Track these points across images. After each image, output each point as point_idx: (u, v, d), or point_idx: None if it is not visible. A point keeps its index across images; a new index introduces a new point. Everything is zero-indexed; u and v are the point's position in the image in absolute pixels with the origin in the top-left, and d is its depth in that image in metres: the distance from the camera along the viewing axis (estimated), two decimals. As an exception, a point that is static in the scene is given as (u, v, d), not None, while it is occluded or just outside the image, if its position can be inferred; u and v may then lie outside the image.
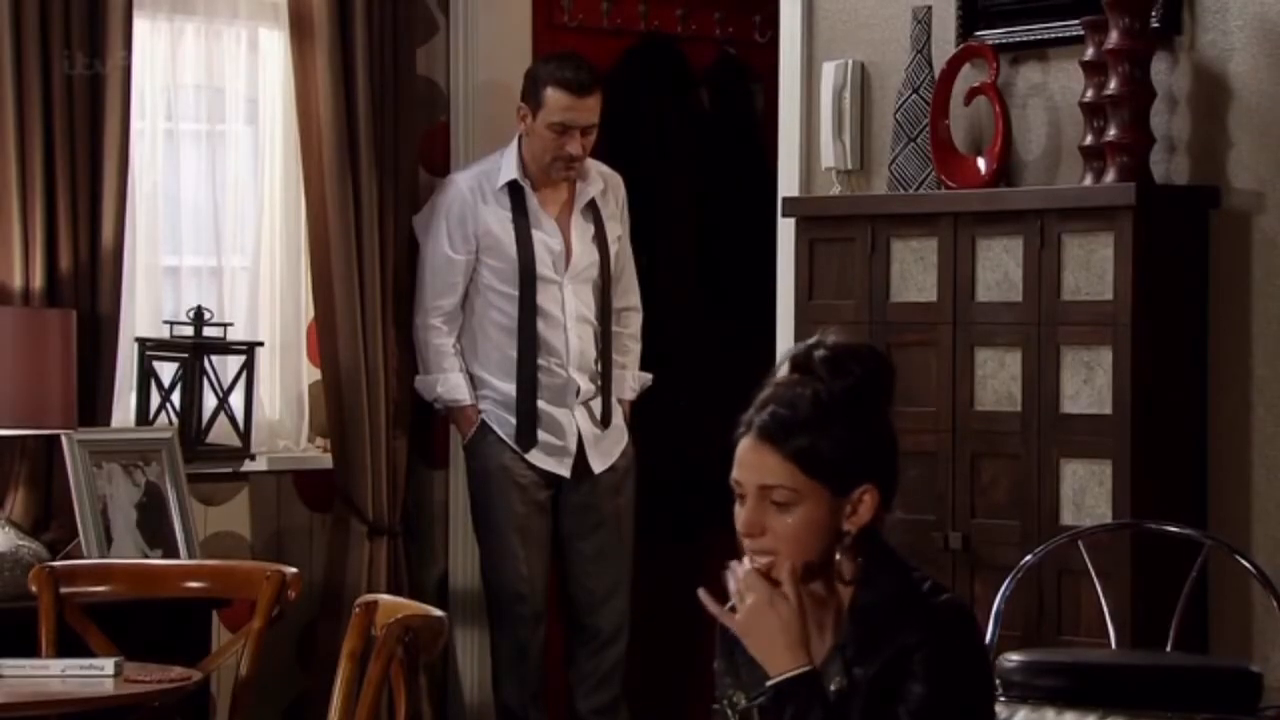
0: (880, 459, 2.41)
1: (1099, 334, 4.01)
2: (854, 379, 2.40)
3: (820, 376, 2.41)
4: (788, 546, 2.39)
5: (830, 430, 2.38)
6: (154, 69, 4.87)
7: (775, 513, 2.39)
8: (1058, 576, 4.03)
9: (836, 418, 2.39)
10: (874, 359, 2.46)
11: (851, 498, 2.38)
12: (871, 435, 2.41)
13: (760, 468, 2.38)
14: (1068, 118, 4.29)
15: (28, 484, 4.54)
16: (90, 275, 4.60)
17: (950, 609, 2.38)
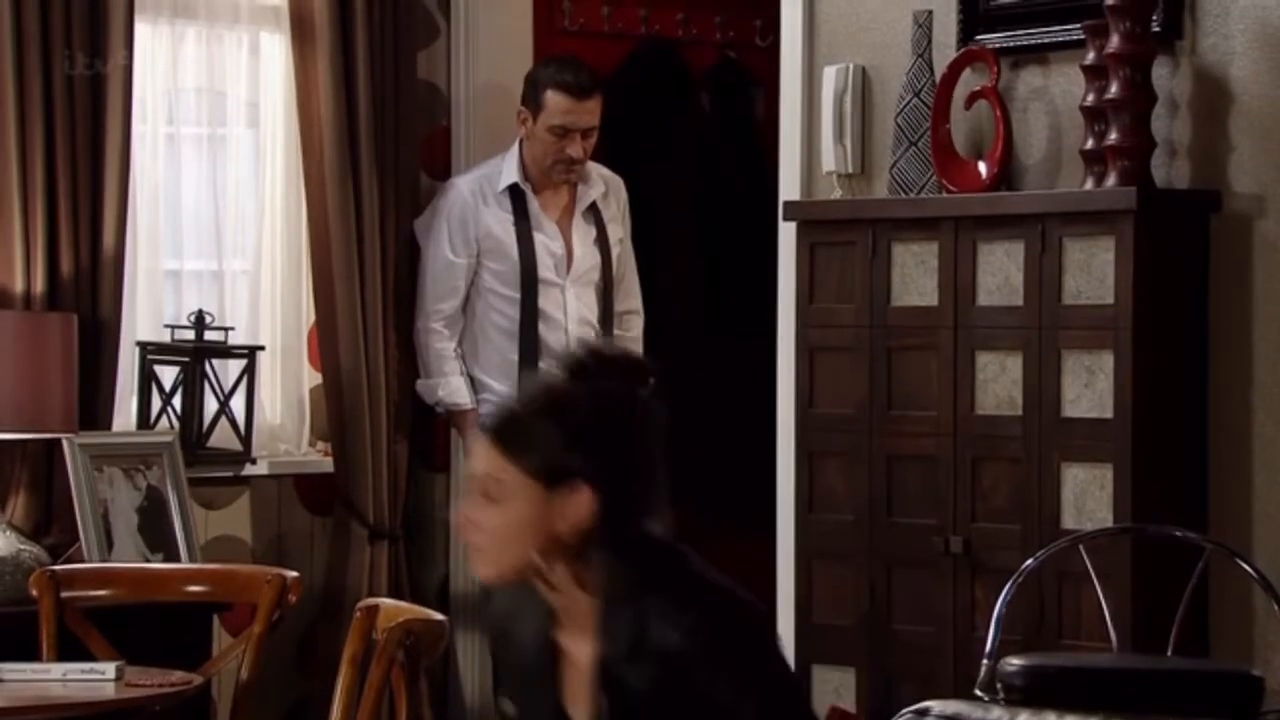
0: (606, 463, 2.30)
1: (1100, 338, 4.01)
2: (593, 380, 2.31)
3: (570, 376, 2.34)
4: (491, 541, 2.31)
5: (549, 422, 2.30)
6: (155, 72, 4.87)
7: (485, 506, 2.31)
8: (1058, 580, 4.03)
9: (560, 412, 2.30)
10: (629, 366, 2.35)
11: (564, 499, 2.29)
12: (600, 437, 2.30)
13: (475, 457, 2.33)
14: (1068, 122, 4.29)
15: (29, 488, 4.54)
16: (91, 279, 4.60)
17: (684, 656, 2.27)
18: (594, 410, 2.31)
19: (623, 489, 2.32)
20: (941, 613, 4.22)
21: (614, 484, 2.31)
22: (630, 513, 2.33)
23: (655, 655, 2.28)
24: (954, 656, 4.20)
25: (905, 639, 4.29)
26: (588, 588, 2.33)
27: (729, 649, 2.29)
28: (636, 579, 2.33)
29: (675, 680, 2.28)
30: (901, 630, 4.29)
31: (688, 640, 2.28)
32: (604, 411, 2.31)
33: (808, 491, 4.46)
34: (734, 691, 2.28)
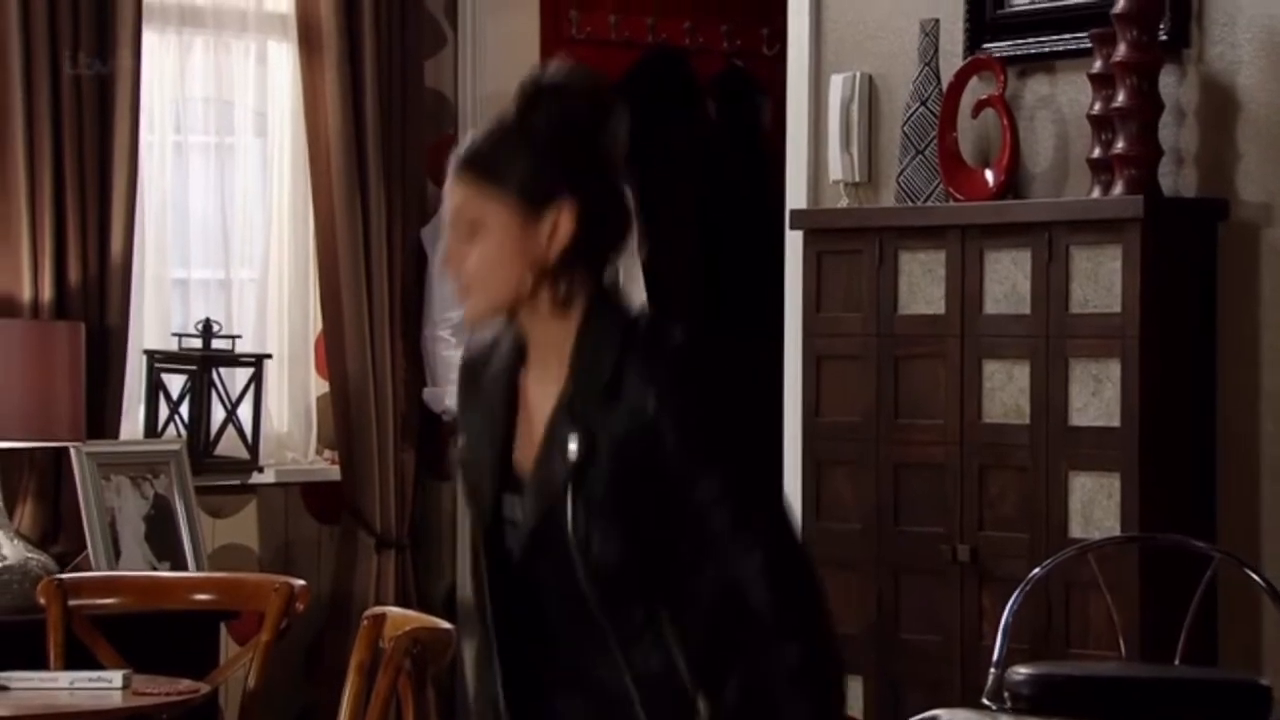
0: (581, 176, 2.24)
1: (1107, 346, 4.01)
2: (551, 98, 2.25)
3: (524, 102, 2.27)
4: (478, 278, 2.25)
5: (520, 144, 2.24)
6: (163, 81, 4.88)
7: (469, 245, 2.25)
8: (1066, 589, 4.03)
9: (528, 132, 2.24)
10: (587, 81, 2.27)
11: (546, 218, 2.23)
12: (572, 150, 2.24)
13: (451, 197, 2.27)
14: (1075, 130, 4.28)
15: (36, 496, 4.54)
16: (99, 288, 4.60)
17: (683, 355, 2.20)
18: (561, 125, 2.25)
19: (601, 201, 2.26)
20: (949, 621, 4.22)
21: (592, 196, 2.25)
22: (611, 227, 2.28)
23: (628, 404, 2.19)
24: (962, 665, 4.19)
25: (913, 647, 4.28)
26: (570, 316, 2.26)
27: (710, 415, 2.19)
28: (623, 316, 2.26)
29: (641, 435, 2.18)
30: (909, 639, 4.29)
31: (667, 395, 2.19)
32: (571, 125, 2.25)
33: (815, 500, 4.45)
34: (701, 462, 2.18)
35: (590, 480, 2.21)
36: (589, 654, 2.23)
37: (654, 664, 2.22)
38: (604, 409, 2.22)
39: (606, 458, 2.21)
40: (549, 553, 2.24)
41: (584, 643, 2.24)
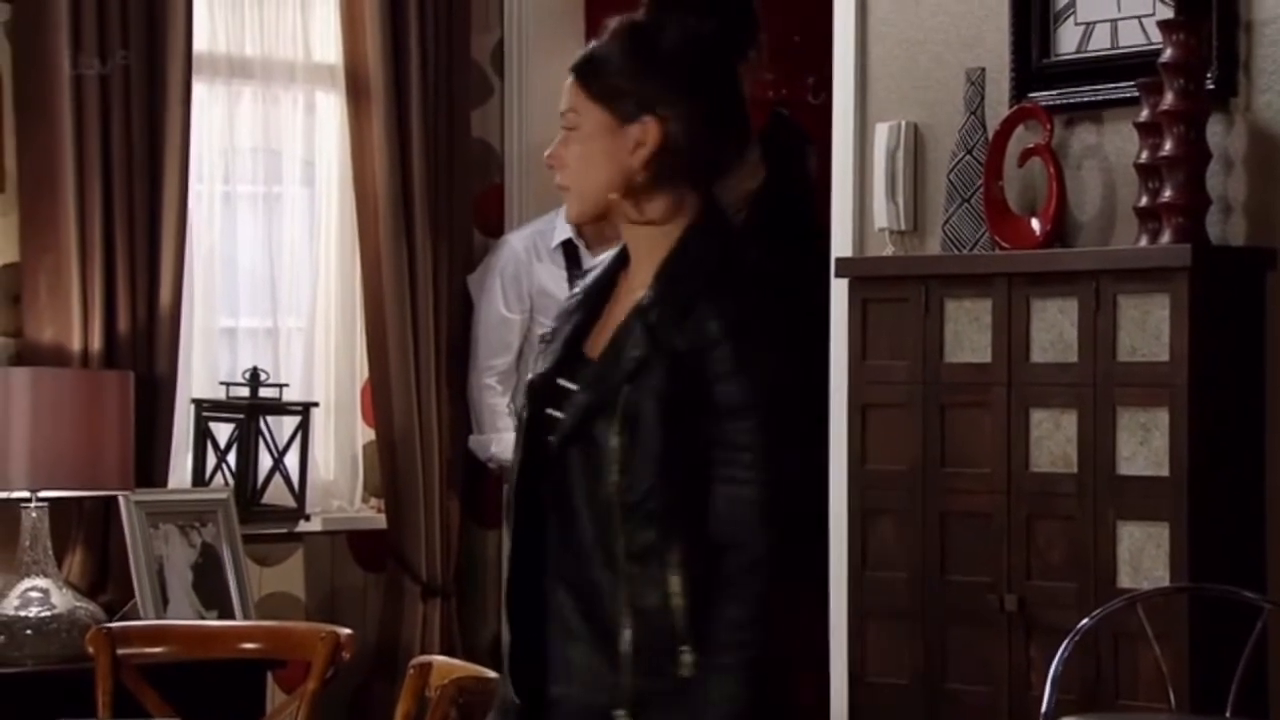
0: (673, 94, 2.28)
1: (1155, 395, 3.99)
2: (683, 15, 2.29)
3: (641, 14, 2.34)
4: (572, 176, 2.33)
5: (623, 52, 2.31)
6: (212, 132, 4.92)
7: (568, 142, 2.34)
8: (1115, 639, 4.00)
9: (635, 41, 2.31)
10: (726, 6, 2.33)
11: (632, 129, 2.30)
12: (670, 68, 2.29)
13: (563, 95, 2.36)
14: (1122, 179, 4.28)
15: (85, 545, 4.56)
16: (148, 337, 4.63)
17: (759, 294, 2.28)
18: (672, 41, 2.30)
19: (695, 120, 2.30)
20: (997, 672, 4.20)
21: (685, 114, 2.29)
22: (708, 146, 2.31)
23: (695, 325, 2.25)
24: (1009, 716, 4.17)
25: (960, 698, 4.26)
26: (668, 227, 2.32)
27: (757, 362, 2.25)
28: (721, 239, 2.32)
29: (697, 359, 2.25)
30: (956, 689, 4.27)
31: (725, 336, 2.25)
32: (681, 43, 2.30)
33: (861, 549, 4.44)
34: (738, 405, 2.23)
35: (643, 389, 2.27)
36: (596, 563, 2.28)
37: (651, 600, 2.25)
38: (674, 323, 2.28)
39: (662, 370, 2.26)
40: (586, 449, 2.30)
41: (594, 551, 2.28)
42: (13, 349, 4.58)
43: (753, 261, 2.33)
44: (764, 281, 2.31)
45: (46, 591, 4.30)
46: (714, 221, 2.35)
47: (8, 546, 4.44)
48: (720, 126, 2.34)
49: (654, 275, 2.33)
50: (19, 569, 4.33)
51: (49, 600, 4.29)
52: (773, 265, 2.30)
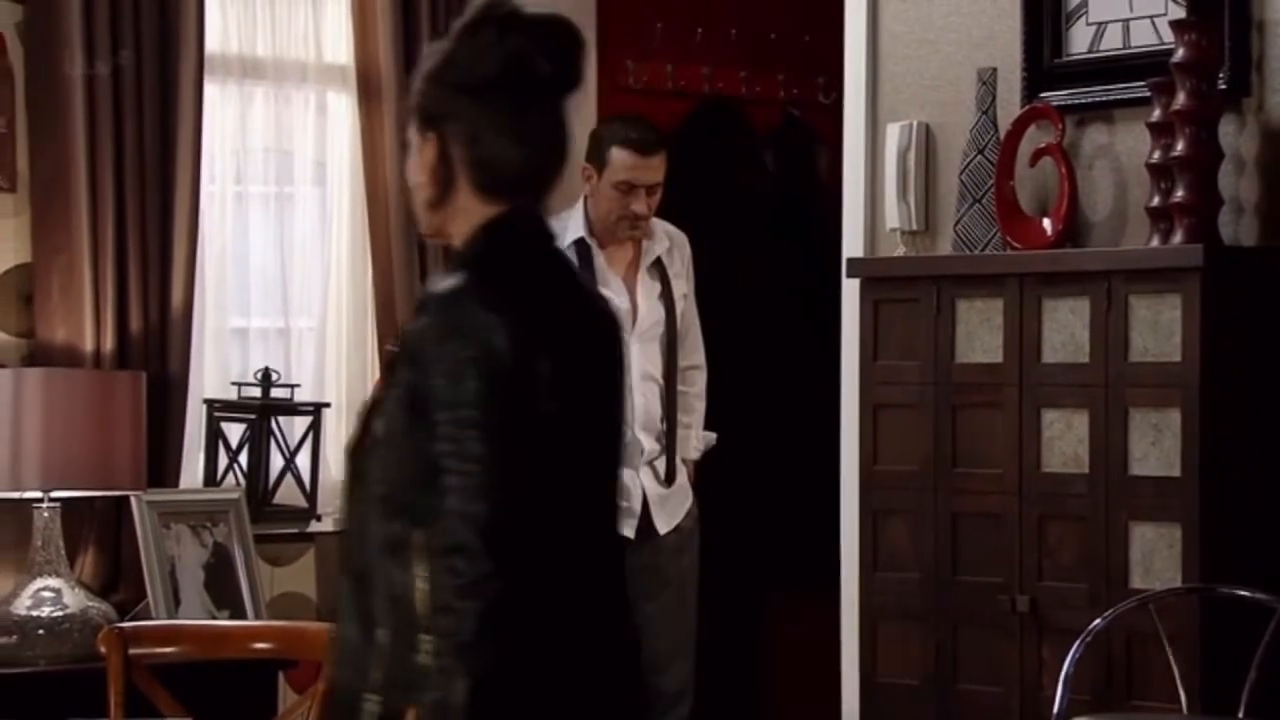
0: (456, 109, 2.27)
1: (1167, 396, 3.99)
2: (494, 33, 2.29)
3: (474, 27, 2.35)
4: (413, 194, 2.37)
5: (425, 68, 2.34)
6: (224, 132, 4.92)
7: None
8: (1127, 640, 4.00)
9: (434, 59, 2.33)
10: (535, 26, 2.29)
11: (424, 145, 2.32)
12: (457, 85, 2.27)
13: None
14: (1134, 179, 4.27)
15: (97, 545, 4.57)
16: (160, 337, 4.64)
17: (449, 312, 2.24)
18: (466, 59, 2.29)
19: (468, 141, 2.28)
20: (1008, 672, 4.19)
21: (461, 132, 2.28)
22: (482, 167, 2.29)
23: (413, 330, 2.29)
24: (1021, 717, 4.16)
25: (972, 699, 4.26)
26: (449, 236, 2.34)
27: (443, 371, 2.23)
28: (472, 251, 2.31)
29: (412, 356, 2.27)
30: (968, 690, 4.26)
31: (423, 332, 2.27)
32: (475, 61, 2.28)
33: (873, 550, 4.44)
34: (437, 411, 2.23)
35: (393, 384, 2.31)
36: (366, 550, 2.36)
37: (399, 589, 2.31)
38: (415, 321, 2.33)
39: (405, 369, 2.30)
40: (367, 459, 2.37)
41: (362, 539, 2.38)
42: (25, 349, 4.59)
43: (461, 273, 2.29)
44: (462, 299, 2.26)
45: (59, 591, 4.31)
46: (490, 233, 2.30)
47: (20, 546, 4.45)
48: (503, 143, 2.29)
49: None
50: (31, 569, 4.34)
51: (61, 600, 4.30)
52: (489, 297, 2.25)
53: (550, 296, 2.30)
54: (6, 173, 4.58)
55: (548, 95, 2.31)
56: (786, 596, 5.76)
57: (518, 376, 2.22)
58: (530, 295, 2.27)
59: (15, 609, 4.28)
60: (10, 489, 4.30)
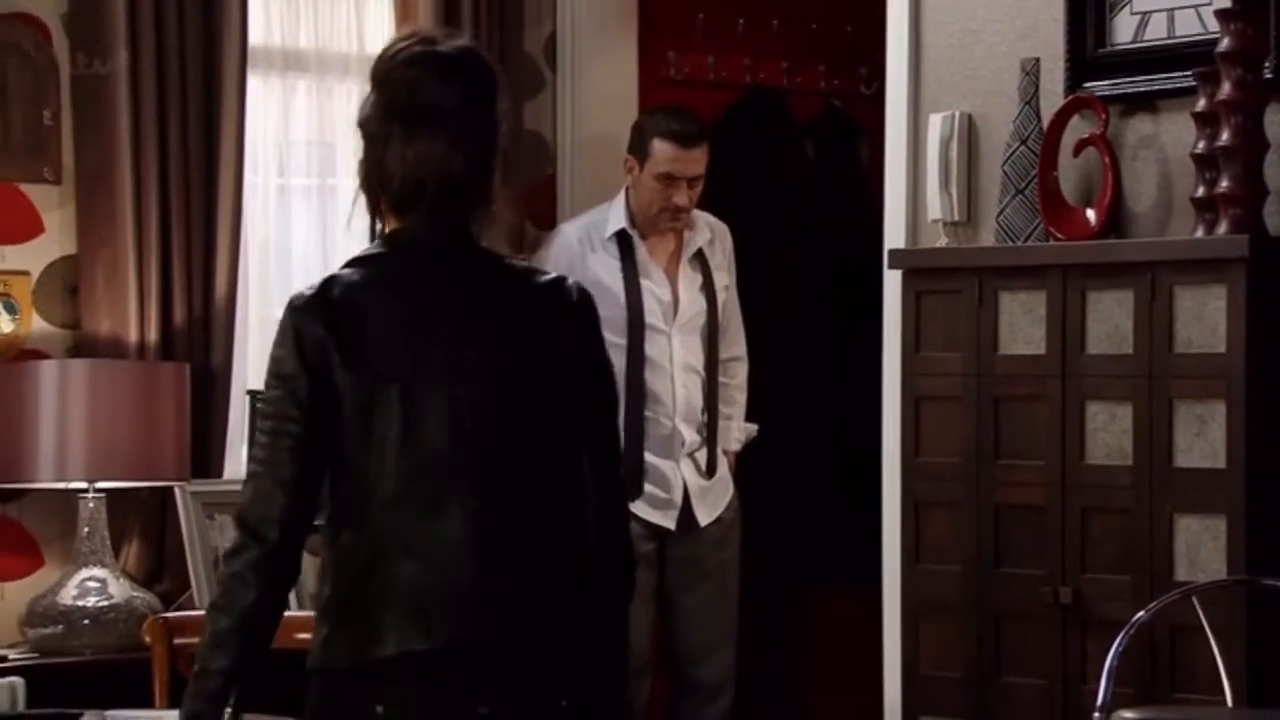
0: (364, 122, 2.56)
1: (1212, 387, 3.97)
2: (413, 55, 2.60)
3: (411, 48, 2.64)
4: None
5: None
6: (267, 125, 4.94)
7: None
8: (1171, 633, 3.98)
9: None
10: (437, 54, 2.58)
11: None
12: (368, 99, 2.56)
13: None
14: (1179, 169, 4.25)
15: (142, 535, 4.60)
16: (204, 328, 4.66)
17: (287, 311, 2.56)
18: (379, 74, 2.53)
19: (370, 152, 2.50)
20: (1051, 665, 4.18)
21: (364, 150, 2.51)
22: (373, 182, 2.51)
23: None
24: (1064, 709, 4.15)
25: (1014, 691, 4.24)
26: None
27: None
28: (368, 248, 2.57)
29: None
30: (1010, 682, 4.25)
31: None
32: (386, 75, 2.51)
33: (914, 542, 4.43)
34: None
35: None
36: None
37: None
38: None
39: None
40: None
41: None
42: (70, 341, 4.62)
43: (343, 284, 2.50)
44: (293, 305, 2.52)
45: (104, 581, 4.34)
46: (385, 241, 2.52)
47: (66, 537, 4.48)
48: (378, 167, 2.50)
49: None
50: (77, 559, 4.37)
51: (106, 590, 4.32)
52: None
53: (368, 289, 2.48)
54: (52, 165, 4.61)
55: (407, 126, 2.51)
56: (828, 588, 5.75)
57: (298, 363, 2.47)
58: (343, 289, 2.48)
59: (61, 599, 4.31)
60: (56, 480, 4.33)
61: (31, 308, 4.60)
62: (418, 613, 2.42)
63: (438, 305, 2.47)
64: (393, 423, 2.43)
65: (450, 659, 2.41)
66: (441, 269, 2.50)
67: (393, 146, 2.47)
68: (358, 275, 2.48)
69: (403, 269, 2.49)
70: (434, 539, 2.43)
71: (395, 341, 2.44)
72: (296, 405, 2.46)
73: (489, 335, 2.47)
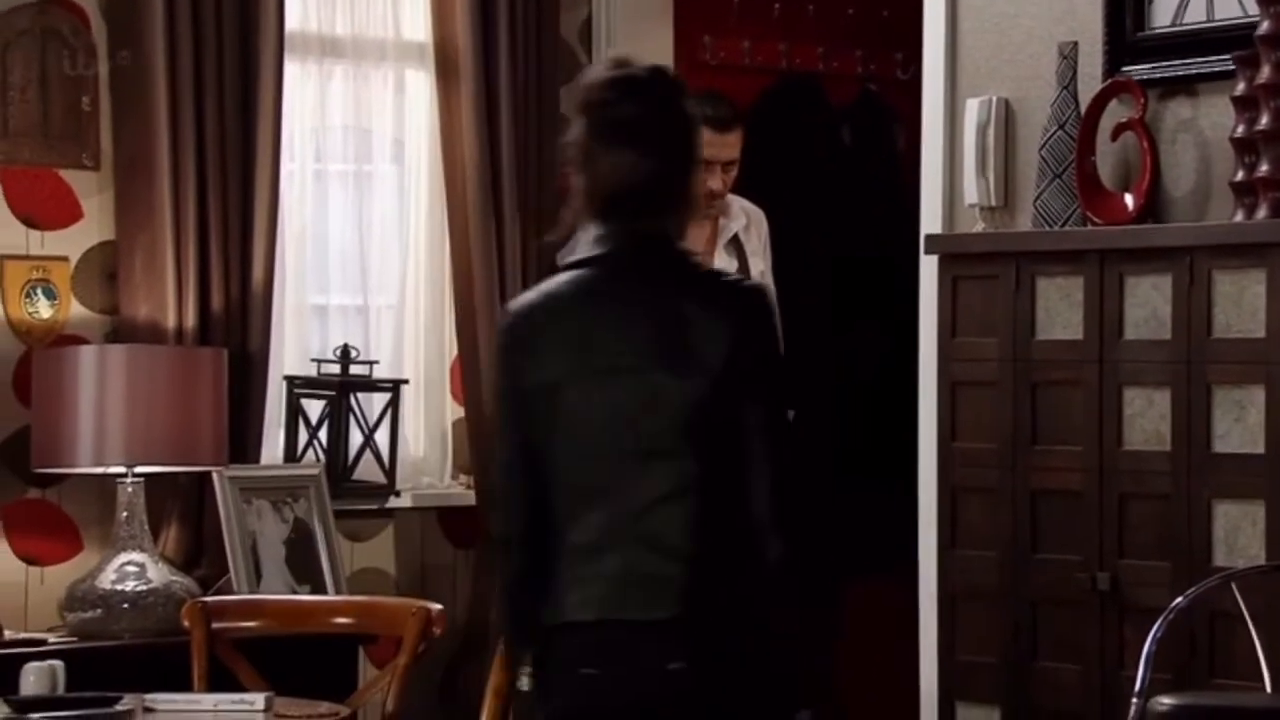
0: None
1: (1251, 373, 3.95)
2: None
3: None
4: None
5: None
6: (304, 111, 4.95)
7: None
8: (1210, 619, 3.97)
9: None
10: (632, 74, 2.85)
11: None
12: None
13: None
14: (1218, 153, 4.23)
15: (180, 520, 4.61)
16: (241, 314, 4.67)
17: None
18: (580, 100, 2.83)
19: (576, 169, 2.81)
20: (1088, 651, 4.17)
21: (571, 162, 2.82)
22: (579, 196, 2.81)
23: None
24: (1101, 695, 4.14)
25: (1051, 677, 4.24)
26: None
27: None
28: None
29: None
30: (1047, 668, 4.24)
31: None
32: (586, 100, 2.81)
33: (950, 528, 4.42)
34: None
35: None
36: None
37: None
38: None
39: None
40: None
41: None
42: (109, 326, 4.64)
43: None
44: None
45: (143, 566, 4.36)
46: (590, 246, 2.81)
47: (105, 521, 4.50)
48: (594, 178, 2.80)
49: None
50: (116, 543, 4.39)
51: (145, 574, 4.34)
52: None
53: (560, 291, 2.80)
54: (90, 151, 4.63)
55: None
56: (863, 575, 5.75)
57: (504, 361, 2.81)
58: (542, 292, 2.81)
59: (100, 583, 4.33)
60: (95, 464, 4.35)
61: (70, 293, 4.62)
62: (601, 583, 2.72)
63: (630, 304, 2.76)
64: (567, 419, 2.74)
65: (635, 626, 2.70)
66: (636, 271, 2.78)
67: (594, 162, 2.77)
68: (562, 280, 2.80)
69: (601, 272, 2.78)
70: (619, 518, 2.71)
71: (589, 339, 2.75)
72: (506, 409, 2.81)
73: (676, 331, 2.74)
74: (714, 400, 2.71)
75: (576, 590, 2.71)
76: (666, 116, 2.78)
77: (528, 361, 2.75)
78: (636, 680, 2.69)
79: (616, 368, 2.73)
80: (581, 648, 2.71)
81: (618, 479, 2.72)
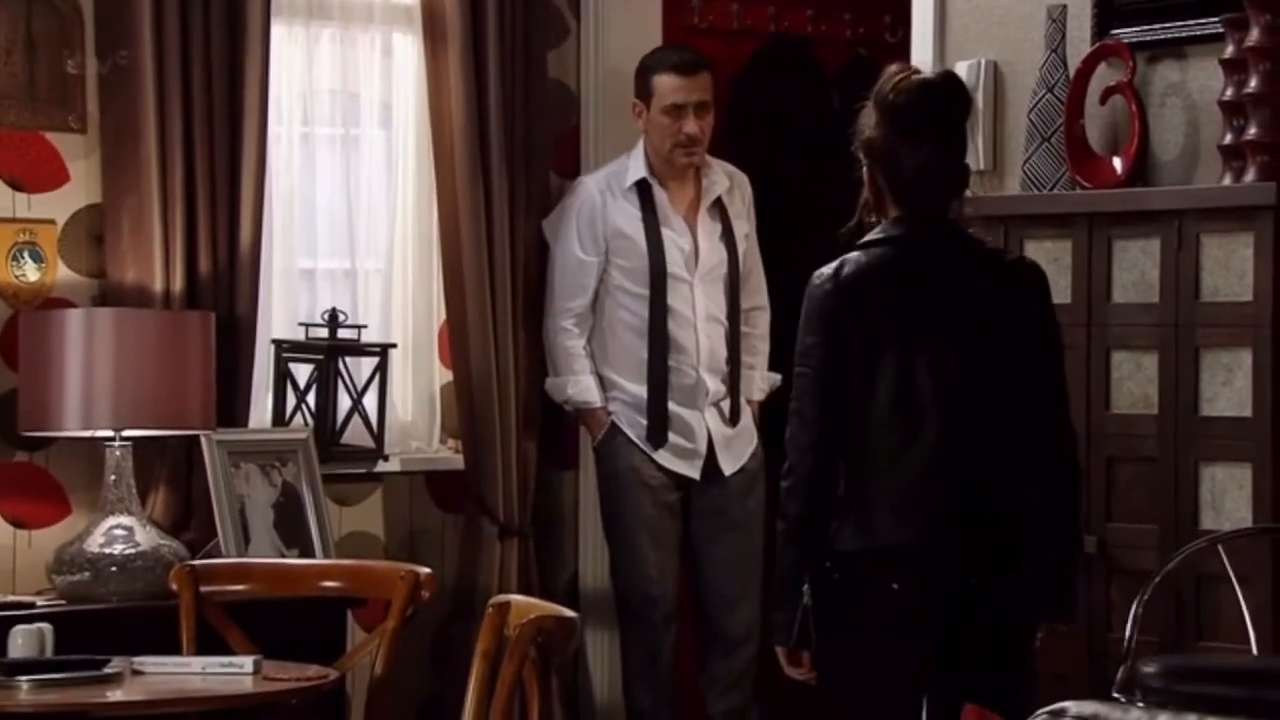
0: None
1: (1238, 335, 3.96)
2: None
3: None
4: None
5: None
6: (291, 74, 4.93)
7: None
8: (1197, 581, 3.98)
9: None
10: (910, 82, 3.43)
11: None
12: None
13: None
14: (1206, 117, 4.23)
15: (168, 484, 4.61)
16: (229, 278, 4.67)
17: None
18: (883, 101, 3.41)
19: (878, 161, 3.46)
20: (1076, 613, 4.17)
21: (872, 154, 3.46)
22: (879, 185, 3.45)
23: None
24: (1089, 657, 4.15)
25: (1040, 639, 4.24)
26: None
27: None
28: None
29: None
30: (1035, 631, 4.24)
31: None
32: (891, 102, 3.41)
33: (939, 490, 4.42)
34: None
35: None
36: None
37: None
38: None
39: None
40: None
41: None
42: (96, 290, 4.63)
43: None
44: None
45: (131, 529, 4.36)
46: (887, 228, 3.48)
47: (93, 485, 4.50)
48: (899, 169, 3.43)
49: None
50: (104, 507, 4.39)
51: (133, 538, 4.34)
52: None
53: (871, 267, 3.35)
54: (77, 114, 4.61)
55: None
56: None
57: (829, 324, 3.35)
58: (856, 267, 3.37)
59: (88, 546, 4.33)
60: (82, 428, 4.34)
61: (57, 256, 4.61)
62: (896, 512, 3.26)
63: (939, 277, 3.30)
64: (887, 373, 3.26)
65: (934, 550, 3.26)
66: (929, 250, 3.33)
67: (900, 156, 3.33)
68: (864, 257, 3.34)
69: (900, 250, 3.32)
70: (911, 460, 3.25)
71: (891, 308, 3.28)
72: (819, 363, 3.32)
73: (962, 304, 3.29)
74: (1009, 357, 3.27)
75: (890, 516, 3.24)
76: (960, 119, 3.33)
77: (857, 323, 3.27)
78: (939, 593, 3.22)
79: (935, 333, 3.26)
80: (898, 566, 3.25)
81: (931, 426, 3.23)
